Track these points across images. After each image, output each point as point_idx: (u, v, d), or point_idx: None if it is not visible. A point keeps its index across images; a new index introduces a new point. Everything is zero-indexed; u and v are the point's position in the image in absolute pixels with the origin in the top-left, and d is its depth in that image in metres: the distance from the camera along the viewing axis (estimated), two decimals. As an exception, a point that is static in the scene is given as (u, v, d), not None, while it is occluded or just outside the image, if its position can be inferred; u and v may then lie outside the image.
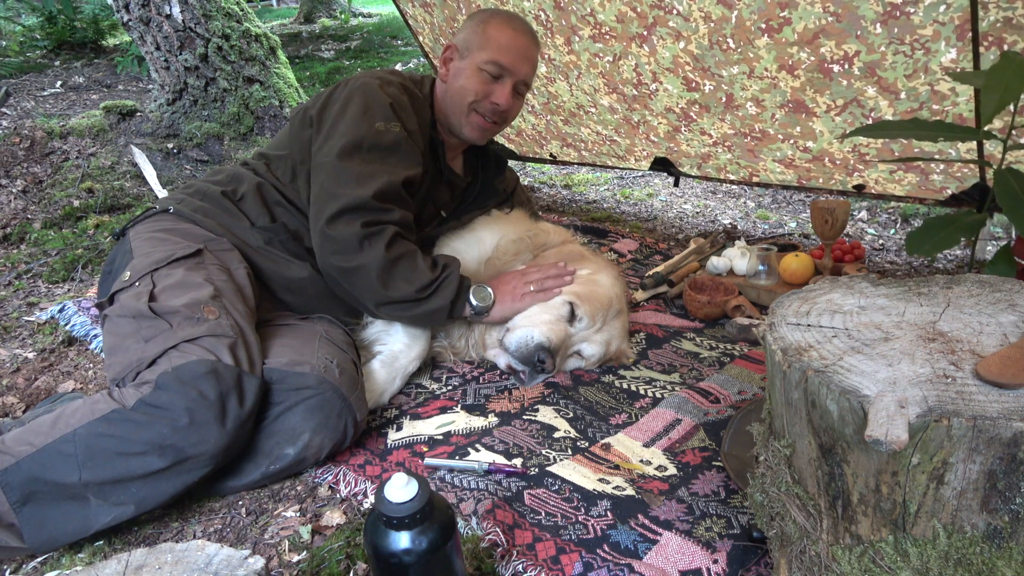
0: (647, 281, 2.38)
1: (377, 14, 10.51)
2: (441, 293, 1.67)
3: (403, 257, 1.63)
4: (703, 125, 2.58)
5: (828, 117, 2.24)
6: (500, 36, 1.83)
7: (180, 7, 3.94)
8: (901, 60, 1.94)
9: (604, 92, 2.78)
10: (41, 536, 1.25)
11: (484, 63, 1.81)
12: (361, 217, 1.59)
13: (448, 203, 2.05)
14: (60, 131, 3.84)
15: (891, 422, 0.76)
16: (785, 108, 2.30)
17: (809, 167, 2.48)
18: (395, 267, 1.62)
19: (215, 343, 1.38)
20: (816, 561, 0.93)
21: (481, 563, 1.21)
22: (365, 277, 1.61)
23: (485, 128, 1.88)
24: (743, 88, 2.33)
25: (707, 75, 2.37)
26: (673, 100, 2.57)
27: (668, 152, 2.90)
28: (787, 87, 2.23)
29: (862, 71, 2.03)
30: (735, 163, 2.70)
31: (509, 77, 1.83)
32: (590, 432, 1.61)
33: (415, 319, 1.74)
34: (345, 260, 1.61)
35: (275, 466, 1.44)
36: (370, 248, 1.59)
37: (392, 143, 1.69)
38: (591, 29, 2.55)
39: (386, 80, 1.80)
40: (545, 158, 3.62)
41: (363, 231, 1.59)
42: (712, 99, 2.44)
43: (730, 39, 2.20)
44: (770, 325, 1.00)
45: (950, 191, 2.26)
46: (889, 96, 2.06)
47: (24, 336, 2.26)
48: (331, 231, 1.60)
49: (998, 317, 0.96)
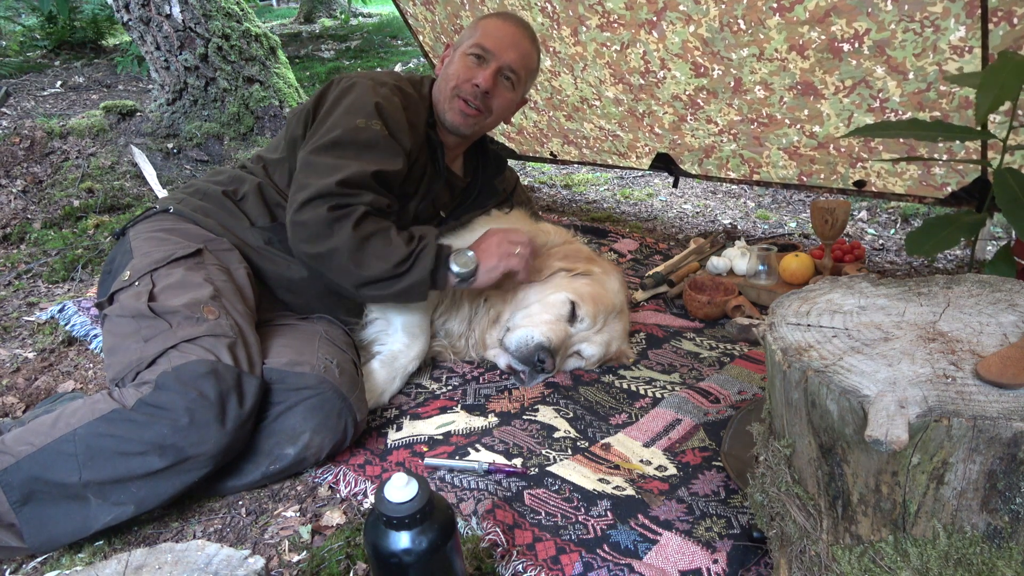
0: (647, 281, 2.38)
1: (377, 14, 10.51)
2: (419, 266, 1.61)
3: (374, 235, 1.59)
4: (709, 112, 2.59)
5: (836, 99, 2.25)
6: (488, 24, 1.86)
7: (180, 7, 3.94)
8: (911, 38, 1.97)
9: (610, 83, 2.78)
10: (41, 536, 1.25)
11: (469, 48, 1.83)
12: (327, 202, 1.56)
13: (447, 204, 2.05)
14: (60, 131, 3.84)
15: (891, 422, 0.76)
16: (794, 90, 2.32)
17: (813, 156, 2.49)
18: (366, 245, 1.58)
19: (215, 343, 1.38)
20: (816, 561, 0.93)
21: (481, 563, 1.21)
22: (338, 260, 1.57)
23: (468, 114, 1.84)
24: (752, 72, 2.35)
25: (716, 59, 2.39)
26: (680, 87, 2.58)
27: (671, 146, 2.90)
28: (796, 68, 2.25)
29: (871, 50, 2.06)
30: (738, 155, 2.70)
31: (493, 61, 1.82)
32: (590, 432, 1.61)
33: (397, 296, 1.65)
34: (315, 246, 1.58)
35: (275, 466, 1.44)
36: (339, 230, 1.56)
37: (368, 140, 1.67)
38: (599, 18, 2.56)
39: (380, 81, 1.79)
40: (545, 157, 3.62)
41: (330, 215, 1.55)
42: (720, 84, 2.46)
43: (741, 20, 2.22)
44: (770, 325, 1.00)
45: (951, 188, 2.26)
46: (897, 76, 2.08)
47: (24, 336, 2.26)
48: (298, 218, 1.58)
49: (998, 317, 0.96)
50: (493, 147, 2.20)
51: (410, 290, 1.63)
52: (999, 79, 1.34)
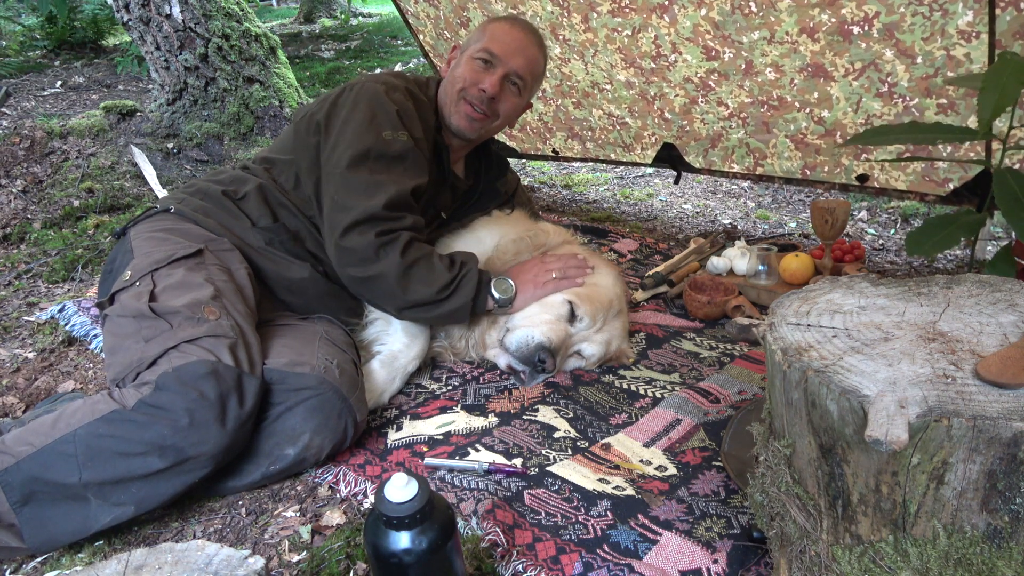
0: (647, 281, 2.38)
1: (377, 14, 10.52)
2: (461, 291, 1.68)
3: (419, 261, 1.64)
4: (720, 94, 2.60)
5: (846, 82, 2.27)
6: (496, 29, 1.87)
7: (180, 7, 3.94)
8: (919, 22, 1.99)
9: (621, 67, 2.80)
10: (41, 536, 1.25)
11: (476, 52, 1.84)
12: (374, 227, 1.60)
13: (449, 206, 2.05)
14: (60, 131, 3.84)
15: (891, 422, 0.76)
16: (804, 72, 2.33)
17: (819, 145, 2.50)
18: (412, 271, 1.63)
19: (215, 343, 1.38)
20: (816, 561, 0.93)
21: (481, 563, 1.21)
22: (384, 284, 1.63)
23: (474, 118, 1.86)
24: (763, 54, 2.36)
25: (727, 42, 2.41)
26: (692, 70, 2.60)
27: (679, 133, 2.90)
28: (807, 51, 2.27)
29: (881, 33, 2.08)
30: (744, 144, 2.71)
31: (500, 66, 1.83)
32: (590, 432, 1.61)
33: (439, 319, 1.75)
34: (363, 270, 1.62)
35: (275, 466, 1.44)
36: (386, 256, 1.61)
37: (399, 152, 1.70)
38: (610, 4, 2.58)
39: (392, 85, 1.79)
40: (547, 155, 3.62)
41: (378, 240, 1.60)
42: (731, 67, 2.48)
43: (752, 3, 2.24)
44: (770, 325, 1.00)
45: (953, 184, 2.27)
46: (906, 60, 2.10)
47: (24, 336, 2.26)
48: (346, 243, 1.61)
49: (998, 317, 0.96)
50: (494, 148, 2.20)
51: (453, 314, 1.70)
52: (1000, 82, 1.34)
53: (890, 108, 2.24)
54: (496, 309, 1.79)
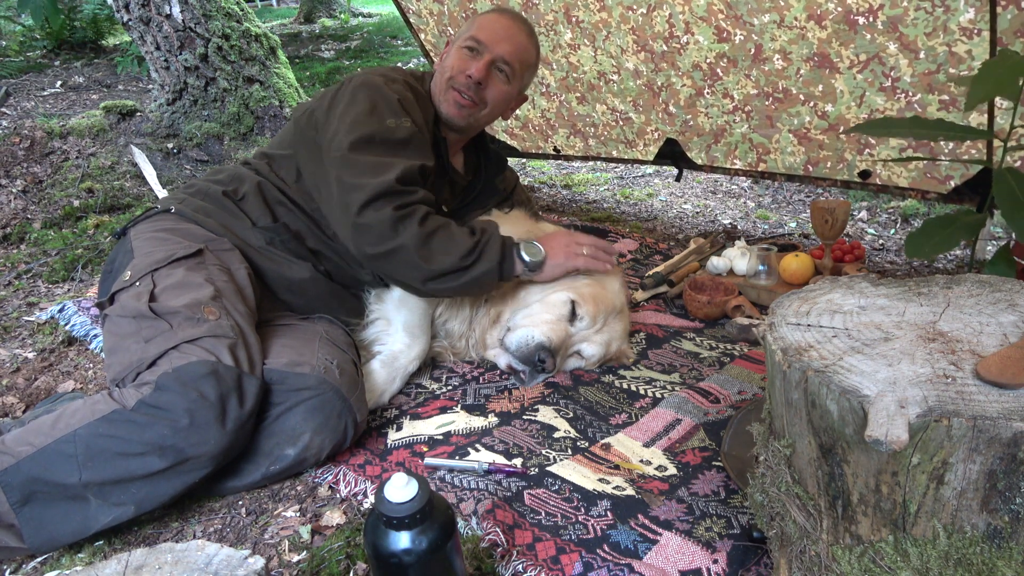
0: (647, 281, 2.39)
1: (377, 14, 10.51)
2: (487, 256, 1.66)
3: (438, 230, 1.62)
4: (727, 85, 2.61)
5: (850, 74, 2.28)
6: (484, 18, 1.90)
7: (180, 7, 3.94)
8: (923, 16, 2.01)
9: (632, 51, 2.80)
10: (41, 536, 1.25)
11: (464, 41, 1.86)
12: (391, 202, 1.58)
13: (449, 201, 2.05)
14: (60, 131, 3.84)
15: (891, 422, 0.76)
16: (810, 62, 2.34)
17: (822, 140, 2.51)
18: (432, 241, 1.60)
19: (215, 344, 1.38)
20: (816, 561, 0.93)
21: (481, 563, 1.21)
22: (405, 257, 1.59)
23: (462, 104, 1.86)
24: (772, 39, 2.37)
25: (739, 24, 2.42)
26: (702, 54, 2.60)
27: (682, 128, 2.90)
28: (814, 38, 2.28)
29: (885, 25, 2.09)
30: (747, 139, 2.71)
31: (487, 52, 1.84)
32: (590, 432, 1.61)
33: (466, 287, 1.69)
34: (382, 246, 1.59)
35: (275, 467, 1.44)
36: (405, 229, 1.58)
37: (404, 137, 1.69)
38: None
39: (390, 77, 1.80)
40: (548, 153, 3.61)
41: (395, 214, 1.57)
42: (741, 51, 2.49)
43: None
44: (770, 325, 1.00)
45: (954, 181, 2.27)
46: (909, 55, 2.11)
47: (24, 336, 2.26)
48: (363, 220, 1.58)
49: (998, 317, 0.96)
50: (493, 146, 2.20)
51: (478, 280, 1.67)
52: (994, 74, 1.34)
53: (893, 103, 2.24)
54: (525, 273, 1.76)
